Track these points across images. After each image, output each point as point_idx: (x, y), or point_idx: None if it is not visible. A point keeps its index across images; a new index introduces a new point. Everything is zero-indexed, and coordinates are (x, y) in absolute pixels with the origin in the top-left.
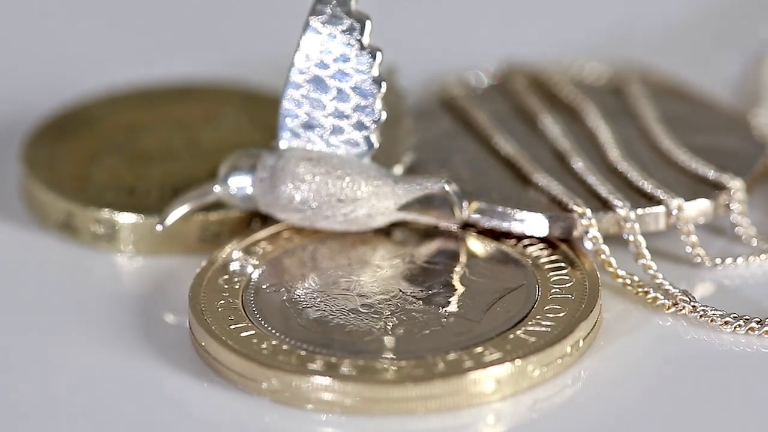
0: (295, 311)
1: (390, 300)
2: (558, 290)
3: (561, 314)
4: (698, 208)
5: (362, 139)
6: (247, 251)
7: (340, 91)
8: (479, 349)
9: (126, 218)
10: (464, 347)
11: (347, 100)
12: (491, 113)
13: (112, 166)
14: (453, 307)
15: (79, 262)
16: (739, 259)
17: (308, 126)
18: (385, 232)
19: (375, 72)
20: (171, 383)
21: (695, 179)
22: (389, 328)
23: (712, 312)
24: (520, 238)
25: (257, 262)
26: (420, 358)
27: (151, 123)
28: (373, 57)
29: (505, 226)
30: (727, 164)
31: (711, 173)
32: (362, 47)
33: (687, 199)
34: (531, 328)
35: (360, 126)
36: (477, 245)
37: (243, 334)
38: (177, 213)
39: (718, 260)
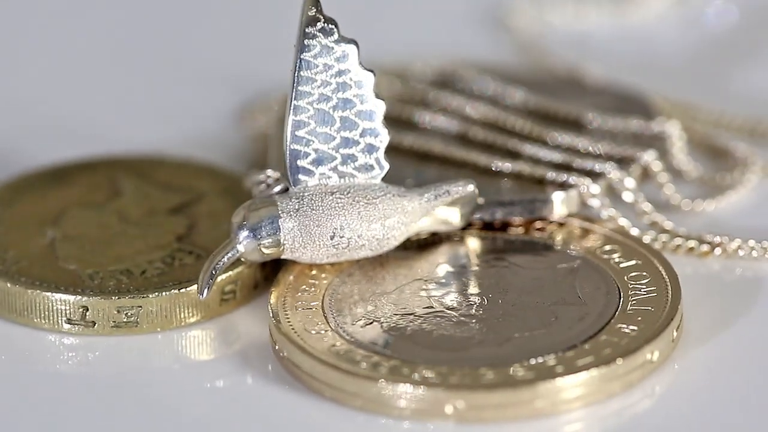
0: (401, 335)
1: (481, 306)
2: (619, 259)
3: (646, 280)
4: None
5: (374, 161)
6: (298, 298)
7: (344, 119)
8: (620, 326)
9: (151, 300)
10: (600, 328)
11: (354, 127)
12: None
13: (77, 256)
14: (548, 298)
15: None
16: (718, 198)
17: (319, 161)
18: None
19: (373, 93)
20: None
21: (628, 136)
22: (506, 333)
23: (762, 246)
24: (523, 225)
25: (317, 303)
26: (573, 348)
27: (56, 210)
28: (369, 78)
29: (509, 215)
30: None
31: (652, 125)
32: (358, 71)
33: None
34: (640, 297)
35: (370, 149)
36: (494, 241)
37: (377, 370)
38: (211, 279)
39: (699, 202)
